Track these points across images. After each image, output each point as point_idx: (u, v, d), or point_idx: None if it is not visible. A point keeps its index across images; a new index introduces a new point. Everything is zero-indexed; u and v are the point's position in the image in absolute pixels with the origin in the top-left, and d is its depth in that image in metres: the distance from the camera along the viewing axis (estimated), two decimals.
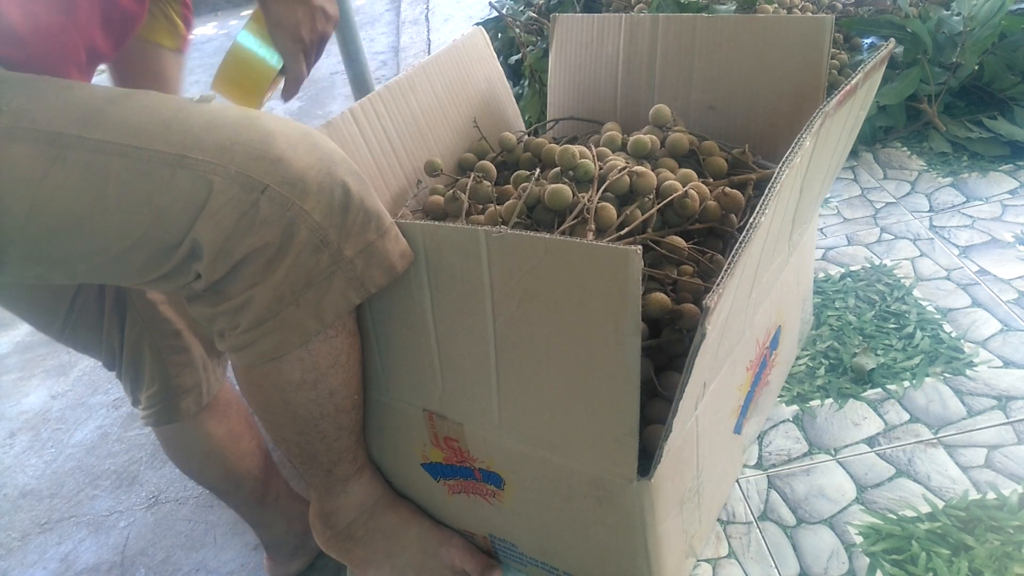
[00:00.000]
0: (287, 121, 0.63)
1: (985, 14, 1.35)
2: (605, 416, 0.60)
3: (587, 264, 0.54)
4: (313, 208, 0.59)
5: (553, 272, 0.56)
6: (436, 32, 2.87)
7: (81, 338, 0.84)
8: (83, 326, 0.82)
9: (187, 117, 0.60)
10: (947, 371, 0.95)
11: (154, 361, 0.85)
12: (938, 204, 1.25)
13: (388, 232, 0.63)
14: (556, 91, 1.09)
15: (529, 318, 0.60)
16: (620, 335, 0.55)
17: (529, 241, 0.56)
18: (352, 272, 0.62)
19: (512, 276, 0.58)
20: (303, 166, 0.59)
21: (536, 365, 0.62)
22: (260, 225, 0.59)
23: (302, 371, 0.66)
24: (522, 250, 0.57)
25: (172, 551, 1.23)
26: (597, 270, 0.53)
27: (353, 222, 0.61)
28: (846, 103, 0.69)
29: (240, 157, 0.59)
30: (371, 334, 0.73)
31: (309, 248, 0.60)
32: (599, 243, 0.53)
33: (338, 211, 0.60)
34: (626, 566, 0.71)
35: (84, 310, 0.81)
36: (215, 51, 3.83)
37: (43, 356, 1.81)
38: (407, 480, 0.85)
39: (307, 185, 0.59)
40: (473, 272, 0.61)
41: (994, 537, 0.76)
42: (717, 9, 1.49)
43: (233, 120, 0.61)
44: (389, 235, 0.63)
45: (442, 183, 0.96)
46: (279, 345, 0.64)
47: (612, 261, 0.52)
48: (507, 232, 0.57)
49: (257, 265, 0.60)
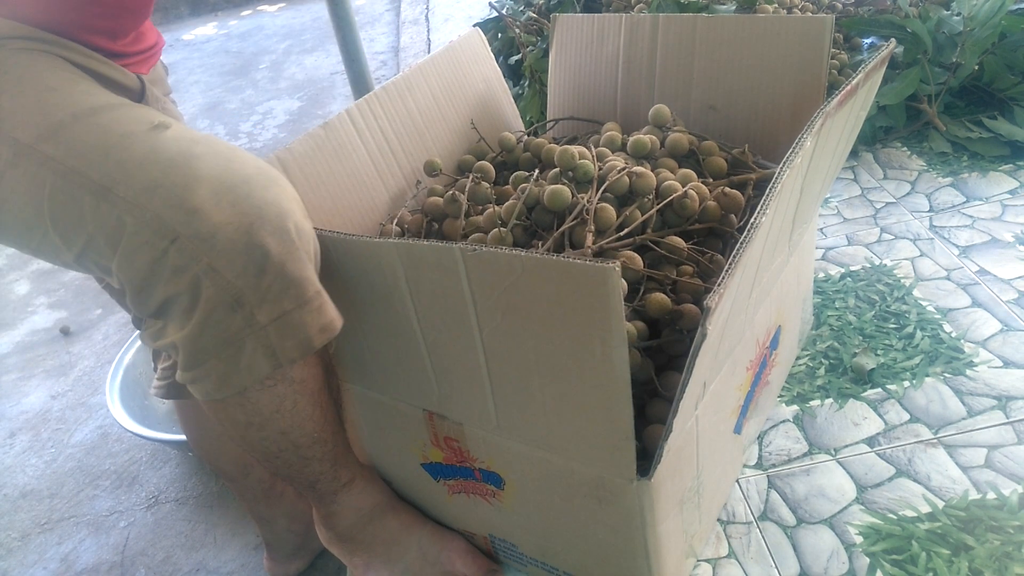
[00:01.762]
0: (232, 164, 0.60)
1: (985, 14, 1.35)
2: (600, 425, 0.60)
3: (566, 280, 0.52)
4: (223, 266, 0.57)
5: (533, 288, 0.55)
6: (436, 32, 2.87)
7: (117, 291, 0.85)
8: None
9: (129, 146, 0.59)
10: (947, 371, 0.95)
11: None
12: (938, 204, 1.25)
13: (308, 303, 0.60)
14: (556, 91, 1.09)
15: (515, 331, 0.59)
16: (607, 348, 0.54)
17: (505, 259, 0.54)
18: (265, 339, 0.60)
19: (493, 290, 0.57)
20: (218, 221, 0.57)
21: (527, 374, 0.62)
22: (171, 273, 0.57)
23: (245, 415, 0.65)
24: (498, 267, 0.55)
25: (172, 551, 1.23)
26: (576, 286, 0.52)
27: (268, 287, 0.58)
28: (847, 103, 0.69)
29: (158, 201, 0.57)
30: (363, 339, 0.72)
31: (222, 305, 0.58)
32: (576, 261, 0.51)
33: (252, 273, 0.58)
34: (626, 566, 0.71)
35: None
36: (215, 51, 3.83)
37: (43, 356, 1.81)
38: (407, 480, 0.85)
39: (217, 241, 0.57)
40: (453, 287, 0.59)
41: (994, 537, 0.76)
42: (717, 9, 1.49)
43: (167, 158, 0.59)
44: (309, 307, 0.60)
45: (441, 184, 0.96)
46: (212, 391, 0.62)
47: (591, 278, 0.51)
48: (482, 249, 0.55)
49: (177, 311, 0.59)
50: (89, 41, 0.67)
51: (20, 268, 2.25)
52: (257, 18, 4.24)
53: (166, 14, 4.48)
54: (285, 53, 3.59)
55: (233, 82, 3.36)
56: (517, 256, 0.54)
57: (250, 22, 4.19)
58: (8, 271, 2.25)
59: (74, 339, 1.86)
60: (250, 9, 4.42)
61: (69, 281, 2.11)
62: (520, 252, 0.54)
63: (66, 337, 1.87)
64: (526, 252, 0.54)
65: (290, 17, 4.12)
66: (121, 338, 1.80)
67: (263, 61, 3.55)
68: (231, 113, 3.03)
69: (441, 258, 0.58)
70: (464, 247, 0.56)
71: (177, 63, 3.72)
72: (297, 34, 3.82)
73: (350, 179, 0.86)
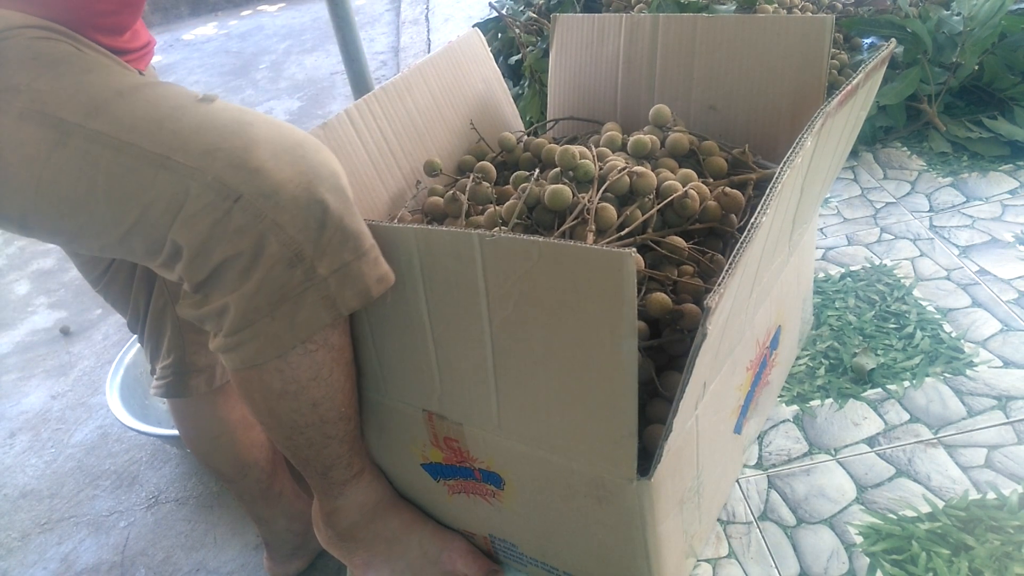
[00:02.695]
0: (283, 129, 0.62)
1: (985, 14, 1.35)
2: (604, 418, 0.60)
3: (582, 267, 0.53)
4: (287, 222, 0.59)
5: (547, 275, 0.55)
6: (436, 32, 2.87)
7: (113, 294, 0.87)
8: (117, 283, 0.85)
9: (181, 116, 0.61)
10: (947, 371, 0.95)
11: (174, 334, 0.87)
12: (938, 204, 1.25)
13: (366, 255, 0.62)
14: (556, 91, 1.09)
15: (524, 321, 0.59)
16: (616, 338, 0.54)
17: (523, 244, 0.55)
18: (325, 291, 0.62)
19: (507, 279, 0.58)
20: (281, 178, 0.59)
21: (533, 367, 0.62)
22: (233, 234, 0.58)
23: (282, 382, 0.66)
24: (516, 253, 0.56)
25: (172, 551, 1.23)
26: (592, 273, 0.53)
27: (329, 240, 0.60)
28: (847, 103, 0.69)
29: (220, 164, 0.58)
30: (368, 336, 0.73)
31: (282, 262, 0.59)
32: (593, 246, 0.52)
33: (313, 227, 0.60)
34: (626, 566, 0.71)
35: (120, 267, 0.84)
36: (215, 51, 3.84)
37: (43, 356, 1.81)
38: (407, 480, 0.85)
39: (281, 198, 0.58)
40: (467, 275, 0.60)
41: (994, 537, 0.76)
42: (717, 9, 1.49)
43: (222, 124, 0.61)
44: (367, 258, 0.62)
45: (441, 184, 0.96)
46: (256, 354, 0.63)
47: (607, 264, 0.52)
48: (500, 235, 0.56)
49: (233, 273, 0.60)
50: (94, 38, 0.68)
51: (20, 268, 2.25)
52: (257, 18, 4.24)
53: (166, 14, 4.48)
54: (285, 53, 3.59)
55: (233, 82, 3.36)
56: (535, 242, 0.54)
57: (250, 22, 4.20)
58: (8, 271, 2.25)
59: (74, 339, 1.86)
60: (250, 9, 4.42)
61: (69, 281, 2.12)
62: (538, 238, 0.55)
63: (66, 337, 1.87)
64: (543, 238, 0.54)
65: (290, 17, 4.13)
66: (121, 338, 1.80)
67: (263, 61, 3.55)
68: None
69: (459, 245, 0.59)
70: (482, 233, 0.57)
71: (177, 63, 3.72)
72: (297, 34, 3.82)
73: (349, 179, 0.84)
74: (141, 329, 0.88)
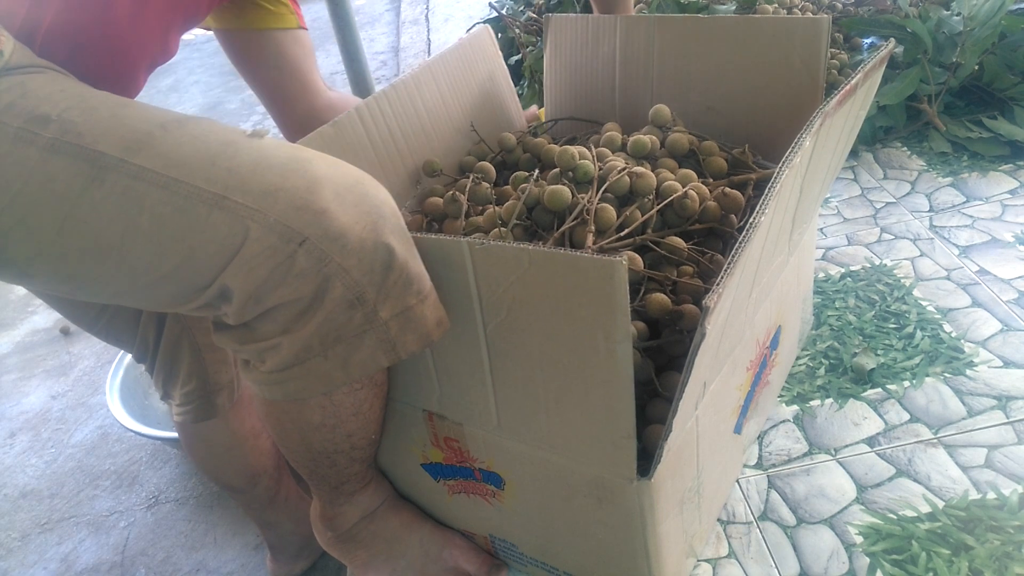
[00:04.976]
0: (340, 166, 0.60)
1: (985, 14, 1.35)
2: (602, 421, 0.60)
3: (573, 274, 0.53)
4: (352, 266, 0.56)
5: (539, 282, 0.55)
6: (436, 32, 2.87)
7: (116, 333, 0.83)
8: (119, 321, 0.81)
9: (235, 154, 0.58)
10: (947, 371, 0.95)
11: (193, 359, 0.84)
12: (938, 204, 1.25)
13: (428, 298, 0.60)
14: (552, 92, 1.09)
15: (519, 326, 0.59)
16: (611, 343, 0.54)
17: (513, 252, 0.55)
18: (385, 334, 0.59)
19: (499, 285, 0.58)
20: (347, 220, 0.56)
21: (530, 371, 0.62)
22: (295, 278, 0.56)
23: (323, 416, 0.65)
24: (506, 261, 0.56)
25: (172, 551, 1.23)
26: (583, 280, 0.52)
27: (394, 284, 0.58)
28: (846, 103, 0.69)
29: (282, 205, 0.56)
30: None
31: (343, 304, 0.57)
32: (584, 254, 0.52)
33: (379, 271, 0.57)
34: (626, 566, 0.71)
35: (120, 307, 0.80)
36: (215, 51, 3.83)
37: (43, 356, 1.81)
38: (407, 480, 0.85)
39: (348, 241, 0.56)
40: (459, 281, 0.60)
41: (994, 537, 0.76)
42: (717, 9, 1.49)
43: (281, 163, 0.58)
44: (428, 301, 0.60)
45: (441, 184, 0.96)
46: (302, 390, 0.62)
47: (598, 271, 0.51)
48: (490, 243, 0.56)
49: (288, 315, 0.57)
50: None
51: None
52: None
53: None
54: None
55: (233, 82, 3.36)
56: (524, 249, 0.54)
57: None
58: None
59: (74, 339, 1.86)
60: None
61: None
62: (527, 246, 0.54)
63: (66, 337, 1.87)
64: (533, 246, 0.54)
65: None
66: None
67: None
68: (231, 113, 3.03)
69: (448, 253, 0.59)
70: (472, 241, 0.57)
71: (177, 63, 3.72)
72: None
73: None
74: (152, 360, 0.85)
